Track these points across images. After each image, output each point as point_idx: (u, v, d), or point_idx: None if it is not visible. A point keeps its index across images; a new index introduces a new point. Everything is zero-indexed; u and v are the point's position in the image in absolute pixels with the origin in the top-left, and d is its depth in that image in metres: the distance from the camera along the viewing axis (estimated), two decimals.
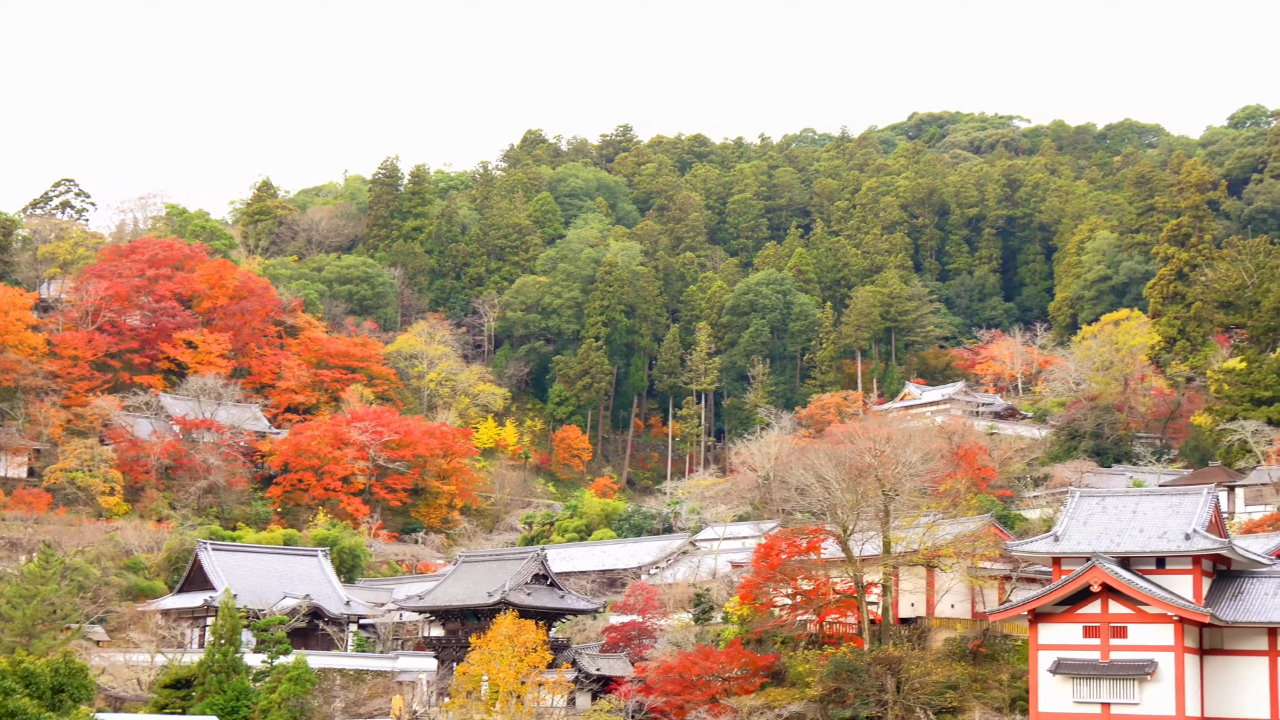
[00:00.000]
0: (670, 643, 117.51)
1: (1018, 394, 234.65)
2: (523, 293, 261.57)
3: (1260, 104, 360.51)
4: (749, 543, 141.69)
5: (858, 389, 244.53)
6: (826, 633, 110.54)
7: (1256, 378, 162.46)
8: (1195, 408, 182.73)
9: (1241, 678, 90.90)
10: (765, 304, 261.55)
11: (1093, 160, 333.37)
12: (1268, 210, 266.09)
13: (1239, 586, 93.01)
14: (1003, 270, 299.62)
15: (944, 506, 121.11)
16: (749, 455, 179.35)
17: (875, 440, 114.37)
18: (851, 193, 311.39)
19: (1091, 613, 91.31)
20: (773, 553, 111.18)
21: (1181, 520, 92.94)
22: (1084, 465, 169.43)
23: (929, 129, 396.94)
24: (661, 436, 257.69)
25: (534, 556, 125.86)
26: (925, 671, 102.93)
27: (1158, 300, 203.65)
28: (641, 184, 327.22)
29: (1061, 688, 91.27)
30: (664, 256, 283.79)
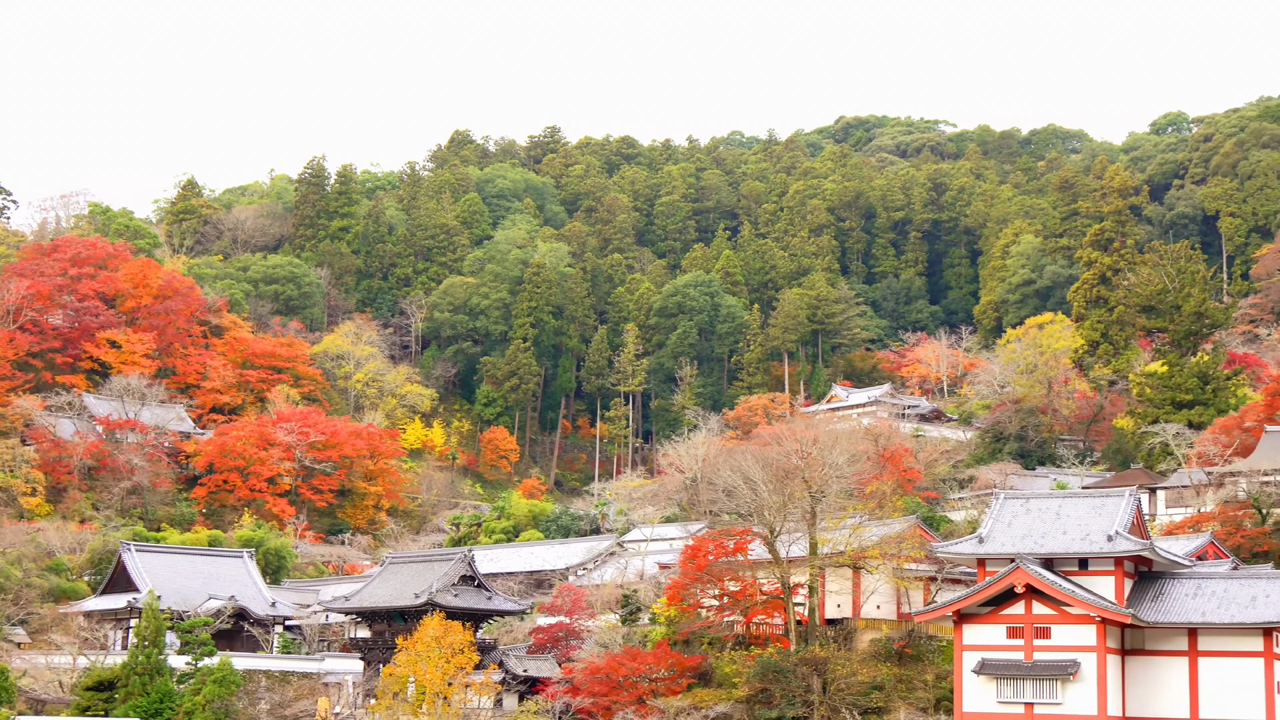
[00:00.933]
0: (598, 644, 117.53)
1: (943, 396, 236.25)
2: (450, 293, 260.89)
3: (1182, 110, 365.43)
4: (676, 544, 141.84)
5: (785, 391, 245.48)
6: (753, 634, 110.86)
7: (1177, 381, 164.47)
8: (1118, 411, 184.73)
9: (1162, 678, 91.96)
10: (693, 306, 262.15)
11: (1017, 165, 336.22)
12: (1189, 216, 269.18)
13: (1160, 588, 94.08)
14: (929, 273, 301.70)
15: (870, 508, 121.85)
16: (676, 457, 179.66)
17: (802, 442, 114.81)
18: (779, 195, 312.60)
19: (1015, 614, 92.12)
20: (700, 554, 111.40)
21: (1104, 522, 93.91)
22: (1008, 467, 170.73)
23: (856, 132, 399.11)
24: (589, 438, 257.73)
25: (461, 558, 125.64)
26: (851, 672, 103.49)
27: (1081, 304, 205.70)
28: (569, 185, 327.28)
29: (986, 688, 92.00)
30: (592, 258, 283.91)
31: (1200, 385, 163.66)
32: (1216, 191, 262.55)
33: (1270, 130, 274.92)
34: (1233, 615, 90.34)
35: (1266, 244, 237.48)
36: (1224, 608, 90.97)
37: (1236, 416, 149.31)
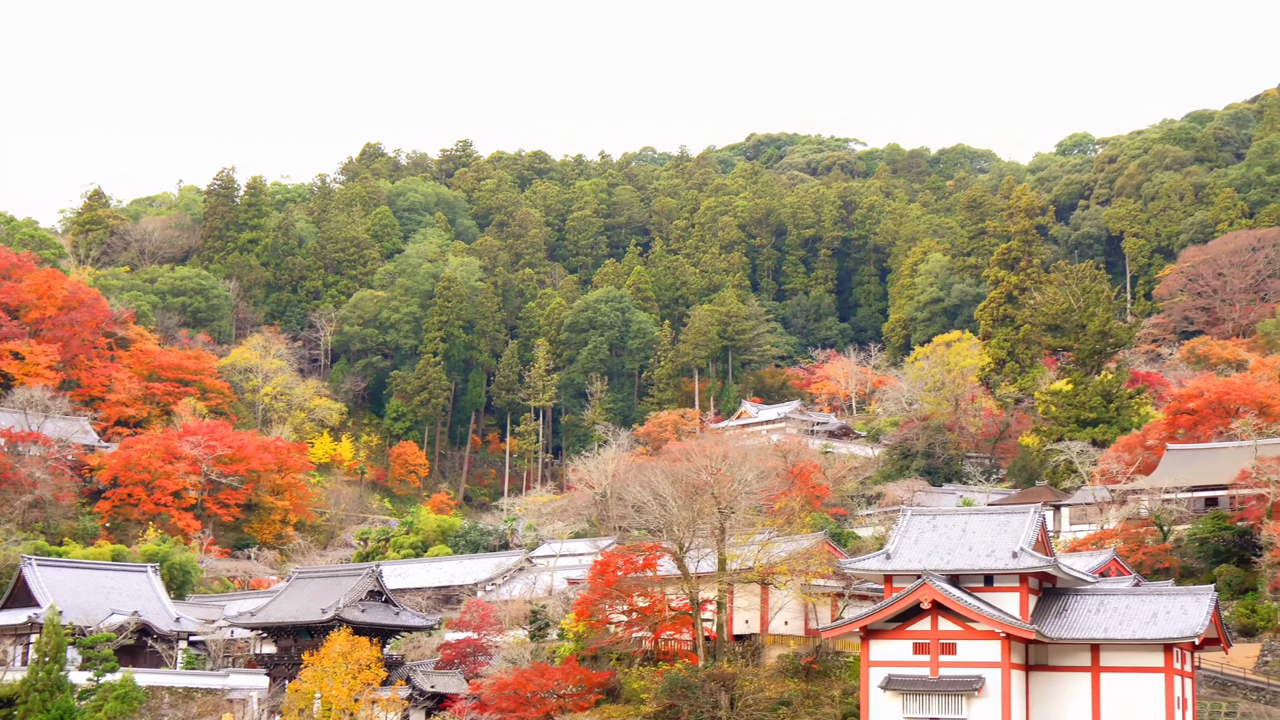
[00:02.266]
0: (506, 659, 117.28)
1: (852, 413, 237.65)
2: (360, 307, 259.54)
3: (1087, 132, 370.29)
4: (585, 559, 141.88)
5: (695, 407, 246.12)
6: (662, 649, 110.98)
7: (1082, 400, 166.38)
8: (1023, 428, 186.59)
9: (1065, 693, 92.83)
10: (604, 321, 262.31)
11: (926, 184, 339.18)
12: (1094, 236, 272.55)
13: (1064, 604, 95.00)
14: (838, 291, 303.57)
15: (779, 524, 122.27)
16: (586, 472, 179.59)
17: (712, 458, 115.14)
18: (690, 212, 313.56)
19: (922, 629, 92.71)
20: (609, 569, 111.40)
21: (1009, 539, 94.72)
22: (916, 484, 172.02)
23: (767, 150, 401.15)
24: (499, 453, 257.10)
25: (369, 573, 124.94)
26: (759, 688, 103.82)
27: (988, 322, 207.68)
28: (481, 200, 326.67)
29: (892, 704, 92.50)
30: (503, 273, 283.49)
31: (1104, 404, 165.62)
32: (1121, 212, 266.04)
33: (1173, 152, 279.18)
34: (1134, 631, 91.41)
35: (1169, 264, 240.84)
36: (1126, 624, 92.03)
37: (1139, 435, 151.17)
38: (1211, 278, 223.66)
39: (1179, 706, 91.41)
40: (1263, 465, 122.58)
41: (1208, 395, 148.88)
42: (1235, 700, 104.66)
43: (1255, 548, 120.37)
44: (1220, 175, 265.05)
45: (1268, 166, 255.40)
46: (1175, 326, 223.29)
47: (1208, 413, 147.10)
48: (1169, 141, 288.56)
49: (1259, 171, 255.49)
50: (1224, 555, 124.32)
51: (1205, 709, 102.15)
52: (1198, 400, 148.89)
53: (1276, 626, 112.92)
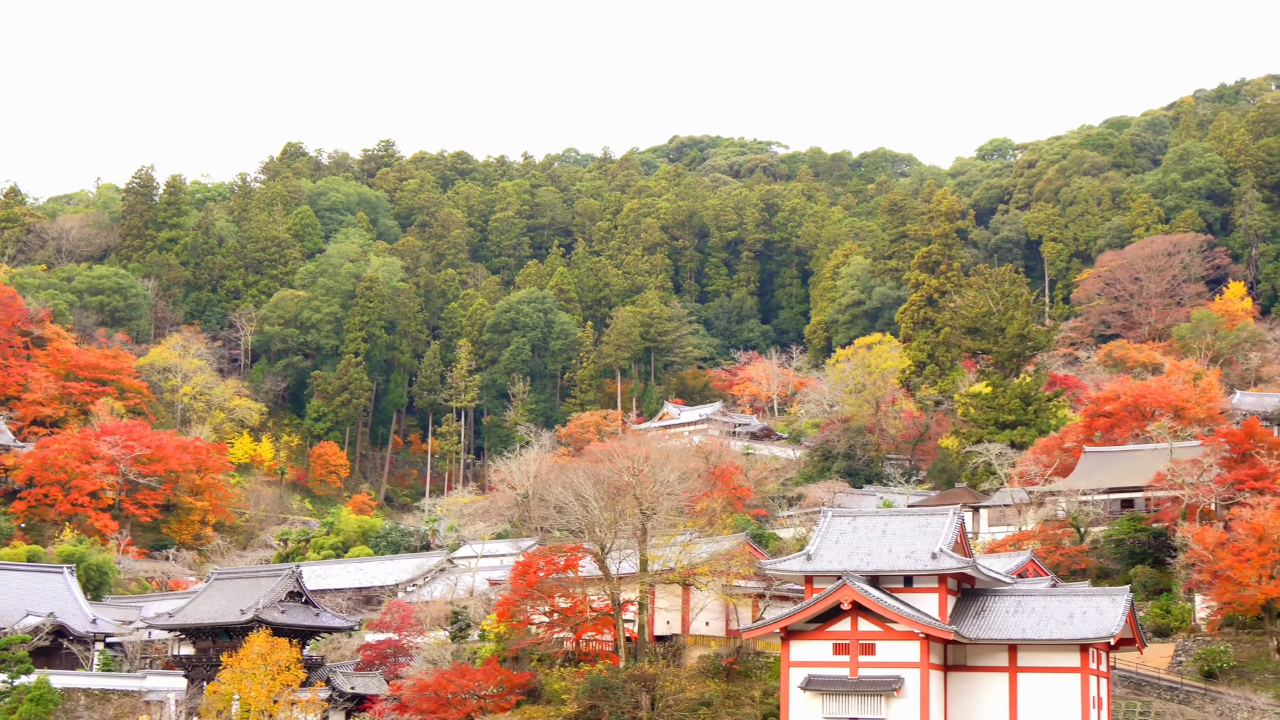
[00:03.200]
0: (427, 660, 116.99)
1: (774, 415, 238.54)
2: (281, 307, 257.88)
3: (1007, 137, 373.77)
4: (507, 560, 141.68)
5: (617, 408, 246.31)
6: (583, 650, 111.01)
7: (1001, 402, 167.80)
8: (943, 430, 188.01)
9: (983, 693, 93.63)
10: (526, 322, 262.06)
11: (848, 187, 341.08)
12: (1013, 240, 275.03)
13: (982, 605, 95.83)
14: (760, 293, 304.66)
15: (700, 525, 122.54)
16: (508, 473, 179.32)
17: (634, 459, 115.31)
18: (613, 213, 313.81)
19: (842, 630, 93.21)
20: (531, 570, 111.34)
21: (929, 540, 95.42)
22: (836, 485, 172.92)
23: (690, 152, 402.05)
24: (421, 453, 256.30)
25: (289, 574, 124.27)
26: (680, 688, 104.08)
27: (909, 325, 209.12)
28: (404, 200, 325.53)
29: (811, 704, 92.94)
30: (425, 273, 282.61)
31: (1022, 406, 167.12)
32: (1040, 217, 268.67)
33: (1091, 158, 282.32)
34: (1051, 632, 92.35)
35: (1087, 269, 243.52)
36: (1043, 624, 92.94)
37: (1057, 437, 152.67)
38: (1128, 282, 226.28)
39: (1094, 706, 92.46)
40: (1178, 468, 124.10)
41: (1124, 398, 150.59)
42: (1149, 700, 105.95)
43: (1170, 549, 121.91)
44: (1137, 181, 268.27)
45: (1183, 173, 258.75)
46: (1093, 330, 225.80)
47: (1124, 415, 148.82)
48: (1087, 147, 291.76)
49: (1175, 178, 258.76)
50: (1139, 557, 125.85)
51: (1120, 708, 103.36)
52: (1114, 403, 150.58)
53: (1190, 627, 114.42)
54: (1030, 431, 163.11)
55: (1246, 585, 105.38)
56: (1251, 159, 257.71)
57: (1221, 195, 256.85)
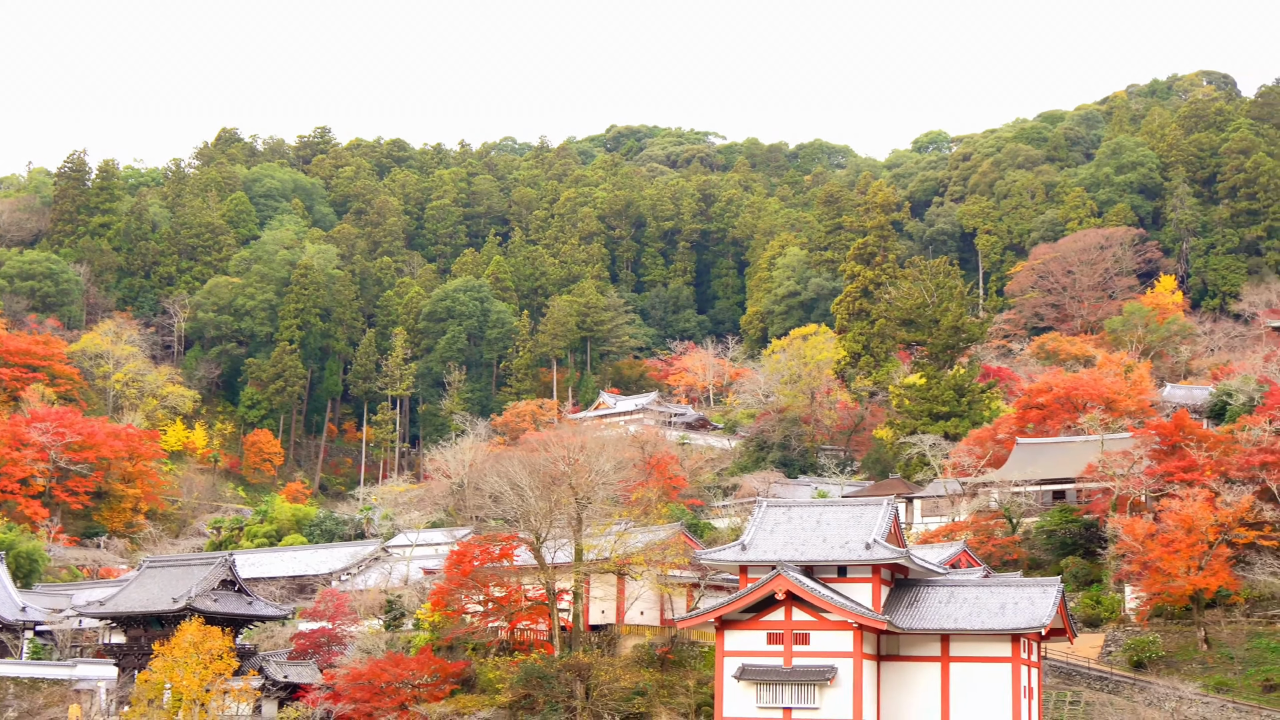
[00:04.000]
0: (360, 649, 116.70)
1: (709, 405, 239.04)
2: (215, 293, 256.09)
3: (942, 130, 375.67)
4: (442, 549, 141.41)
5: (553, 397, 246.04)
6: (518, 639, 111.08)
7: (935, 393, 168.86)
8: (878, 421, 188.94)
9: (915, 682, 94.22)
10: (462, 311, 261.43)
11: (784, 178, 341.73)
12: (948, 232, 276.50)
13: (915, 595, 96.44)
14: (697, 283, 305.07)
15: (636, 515, 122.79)
16: (444, 462, 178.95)
17: (569, 449, 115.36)
18: (550, 202, 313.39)
19: (776, 620, 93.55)
20: (465, 559, 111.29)
21: (862, 531, 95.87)
22: (772, 476, 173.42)
23: (627, 142, 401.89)
24: (356, 442, 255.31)
25: (221, 562, 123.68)
26: (614, 678, 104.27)
27: (844, 316, 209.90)
28: (339, 187, 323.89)
29: (746, 693, 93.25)
30: (361, 260, 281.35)
31: (956, 398, 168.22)
32: (974, 209, 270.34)
33: (1025, 151, 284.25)
34: (983, 622, 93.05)
35: (1020, 261, 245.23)
36: (975, 614, 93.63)
37: (990, 429, 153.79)
38: (1061, 275, 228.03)
39: (1025, 695, 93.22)
40: (1109, 459, 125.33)
41: (1056, 390, 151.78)
42: (1080, 689, 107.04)
43: (1100, 540, 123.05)
44: (1070, 174, 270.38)
45: (1116, 167, 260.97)
46: (1026, 322, 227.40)
47: (1056, 407, 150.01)
48: (1021, 140, 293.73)
49: (1108, 171, 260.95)
50: (1071, 547, 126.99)
51: (1050, 698, 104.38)
52: (1047, 395, 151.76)
53: (1120, 617, 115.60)
54: (964, 423, 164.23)
55: (1175, 576, 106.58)
56: (1183, 154, 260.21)
57: (1153, 189, 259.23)
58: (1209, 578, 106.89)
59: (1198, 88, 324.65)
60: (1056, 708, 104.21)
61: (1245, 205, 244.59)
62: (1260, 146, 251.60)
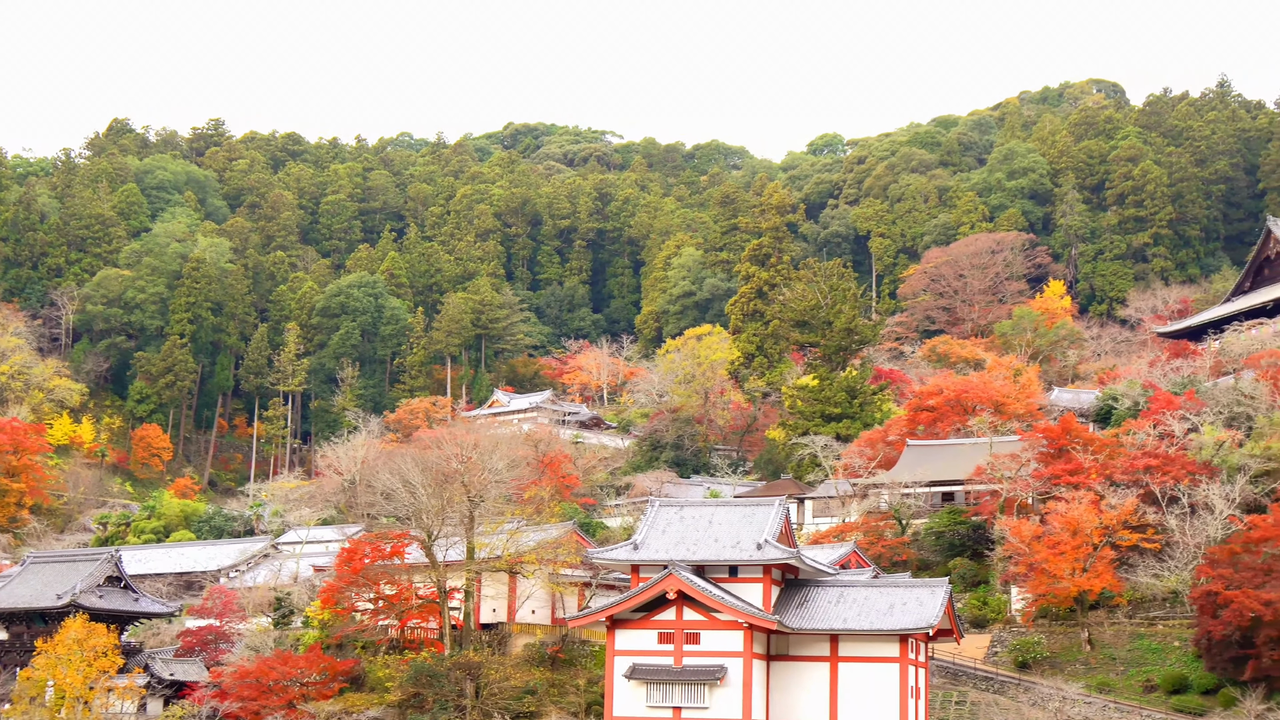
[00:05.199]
0: (248, 647, 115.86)
1: (603, 404, 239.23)
2: (104, 286, 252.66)
3: (838, 133, 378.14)
4: (333, 547, 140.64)
5: (447, 395, 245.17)
6: (408, 638, 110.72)
7: (827, 395, 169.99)
8: (770, 422, 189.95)
9: (804, 682, 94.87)
10: (356, 306, 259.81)
11: (681, 179, 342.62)
12: (842, 235, 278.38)
13: (805, 595, 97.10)
14: (592, 282, 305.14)
15: (528, 513, 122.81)
16: (336, 459, 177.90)
17: (463, 446, 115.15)
18: (446, 199, 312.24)
19: (667, 619, 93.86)
20: (356, 557, 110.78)
21: (754, 531, 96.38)
22: (664, 475, 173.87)
23: (524, 139, 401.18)
24: (246, 437, 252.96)
25: (107, 558, 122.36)
26: (505, 676, 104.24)
27: (738, 317, 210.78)
28: (233, 180, 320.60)
29: (636, 692, 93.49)
30: (254, 254, 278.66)
31: (848, 399, 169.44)
32: (868, 212, 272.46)
33: (919, 155, 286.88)
34: (872, 622, 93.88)
35: (913, 264, 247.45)
36: (864, 615, 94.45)
37: (881, 430, 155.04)
38: (953, 278, 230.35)
39: (912, 695, 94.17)
40: (997, 462, 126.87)
41: (947, 393, 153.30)
42: (965, 689, 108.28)
43: (988, 542, 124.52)
44: (963, 179, 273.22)
45: (1007, 172, 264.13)
46: (918, 325, 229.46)
47: (947, 410, 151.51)
48: (915, 145, 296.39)
49: (999, 177, 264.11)
50: (959, 549, 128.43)
51: (937, 698, 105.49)
52: (937, 398, 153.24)
53: (1006, 618, 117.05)
54: (855, 424, 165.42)
55: (1060, 578, 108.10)
56: (1073, 160, 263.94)
57: (1044, 195, 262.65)
58: (1093, 579, 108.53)
59: (1088, 95, 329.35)
60: (943, 708, 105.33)
61: (1133, 212, 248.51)
62: (1148, 155, 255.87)
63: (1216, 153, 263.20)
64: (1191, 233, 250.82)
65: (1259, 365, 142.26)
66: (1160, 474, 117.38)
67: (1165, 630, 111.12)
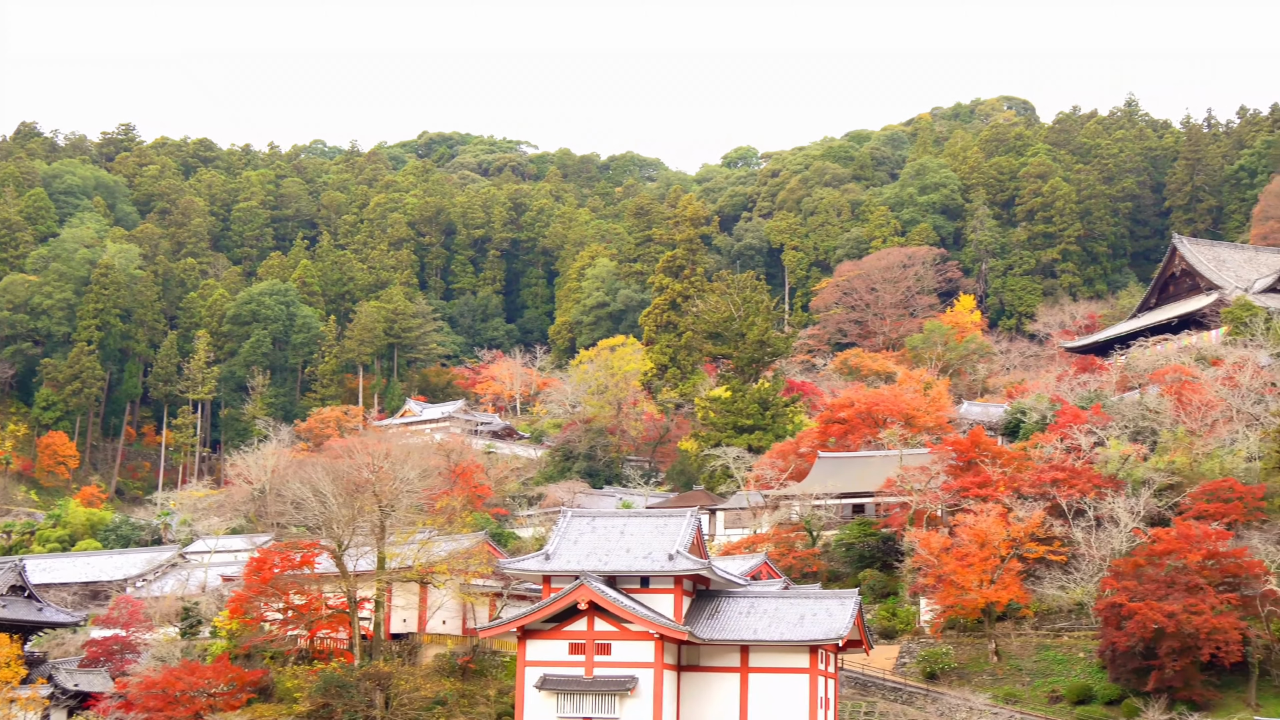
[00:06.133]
0: (155, 657, 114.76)
1: (516, 414, 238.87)
2: (10, 291, 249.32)
3: (752, 146, 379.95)
4: (242, 556, 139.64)
5: (359, 404, 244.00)
6: (318, 648, 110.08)
7: (740, 406, 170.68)
8: (683, 433, 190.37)
9: (715, 692, 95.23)
10: (268, 314, 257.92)
11: (596, 189, 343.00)
12: (756, 247, 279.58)
13: (716, 606, 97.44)
14: (506, 292, 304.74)
15: (440, 523, 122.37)
16: (245, 467, 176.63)
17: (374, 456, 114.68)
18: (360, 207, 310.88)
19: (578, 630, 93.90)
20: (265, 566, 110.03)
21: (666, 541, 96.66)
22: (577, 486, 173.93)
23: (439, 148, 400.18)
24: (155, 446, 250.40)
25: (11, 567, 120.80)
26: (415, 687, 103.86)
27: (652, 328, 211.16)
28: (143, 186, 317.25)
29: (546, 703, 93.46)
30: (164, 261, 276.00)
31: (761, 411, 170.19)
32: (782, 225, 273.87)
33: (832, 169, 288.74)
34: (782, 633, 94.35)
35: (826, 278, 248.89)
36: (774, 626, 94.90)
37: (793, 442, 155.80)
38: (865, 292, 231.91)
39: (822, 706, 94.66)
40: (907, 474, 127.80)
41: (858, 405, 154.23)
42: (874, 700, 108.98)
43: (898, 553, 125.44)
44: (876, 194, 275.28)
45: (919, 187, 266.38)
46: (830, 338, 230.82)
47: (858, 422, 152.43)
48: (829, 159, 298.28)
49: (911, 191, 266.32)
50: (869, 560, 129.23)
51: (846, 709, 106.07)
52: (849, 410, 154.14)
53: (915, 629, 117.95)
54: (768, 436, 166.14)
55: (968, 589, 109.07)
56: (984, 176, 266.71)
57: (955, 210, 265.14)
58: (1000, 591, 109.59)
59: (999, 112, 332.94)
60: (852, 718, 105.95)
61: (1042, 228, 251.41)
62: (1057, 171, 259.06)
63: (1124, 171, 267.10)
64: (1099, 249, 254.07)
65: (1163, 381, 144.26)
66: (1067, 487, 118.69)
67: (1071, 641, 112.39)
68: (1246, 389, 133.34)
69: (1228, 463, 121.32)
